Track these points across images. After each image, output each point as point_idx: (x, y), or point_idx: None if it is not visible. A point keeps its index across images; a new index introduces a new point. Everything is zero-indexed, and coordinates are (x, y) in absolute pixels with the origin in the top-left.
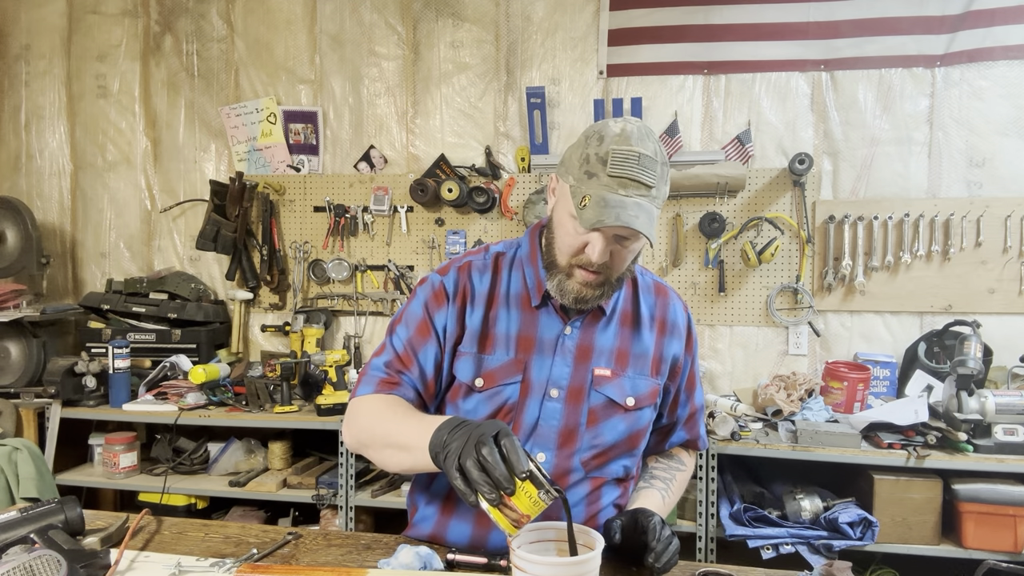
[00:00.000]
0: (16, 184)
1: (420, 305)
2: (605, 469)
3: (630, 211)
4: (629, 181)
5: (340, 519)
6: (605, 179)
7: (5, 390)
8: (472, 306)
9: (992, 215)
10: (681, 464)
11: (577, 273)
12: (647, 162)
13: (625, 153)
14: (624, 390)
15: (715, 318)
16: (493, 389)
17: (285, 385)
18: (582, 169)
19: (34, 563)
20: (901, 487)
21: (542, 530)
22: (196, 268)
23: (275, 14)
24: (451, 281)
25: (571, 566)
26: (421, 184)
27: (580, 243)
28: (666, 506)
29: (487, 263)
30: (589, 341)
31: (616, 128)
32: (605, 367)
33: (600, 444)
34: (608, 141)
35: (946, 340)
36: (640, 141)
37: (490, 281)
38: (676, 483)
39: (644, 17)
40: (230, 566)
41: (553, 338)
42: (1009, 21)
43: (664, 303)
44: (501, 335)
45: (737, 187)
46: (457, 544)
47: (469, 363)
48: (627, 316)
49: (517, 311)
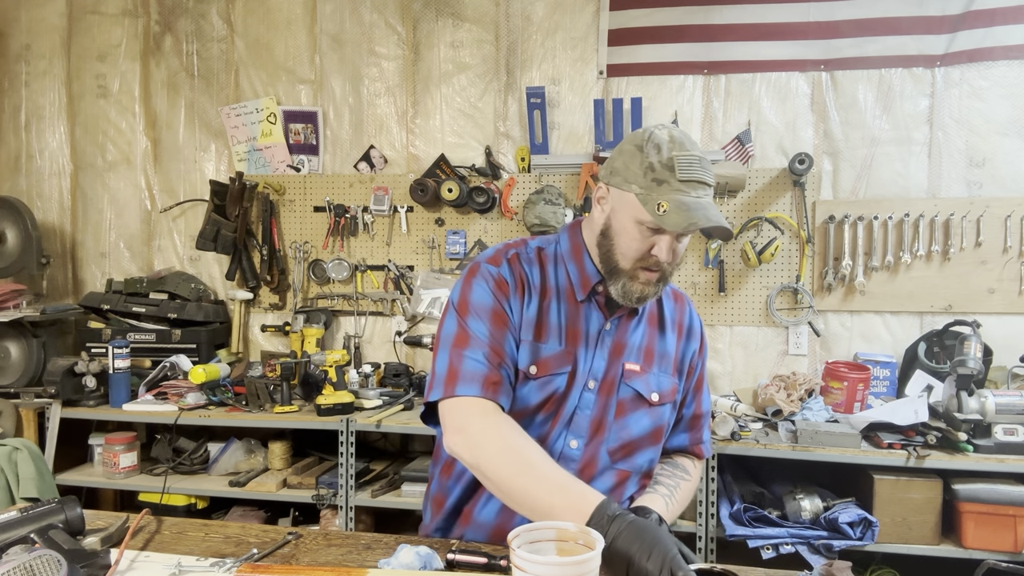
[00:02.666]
0: (16, 184)
1: (488, 295)
2: (630, 461)
3: (710, 211)
4: (697, 183)
5: (340, 519)
6: (677, 184)
7: (5, 390)
8: (529, 295)
9: (992, 215)
10: (686, 473)
11: (641, 275)
12: (706, 164)
13: (688, 158)
14: (650, 385)
15: (715, 318)
16: (546, 377)
17: (285, 385)
18: (648, 177)
19: (34, 563)
20: (901, 487)
21: (542, 530)
22: (196, 268)
23: (275, 14)
24: (507, 272)
25: (571, 566)
26: (421, 184)
27: (647, 246)
28: (670, 512)
29: (531, 257)
30: (623, 338)
31: (664, 135)
32: (635, 363)
33: (626, 436)
34: (666, 148)
35: (946, 340)
36: (692, 145)
37: (539, 273)
38: (680, 491)
39: (644, 17)
40: (230, 566)
41: (596, 332)
42: (1009, 21)
43: (682, 308)
44: (553, 325)
45: (737, 187)
46: (482, 524)
47: (526, 350)
48: (653, 317)
49: (565, 303)
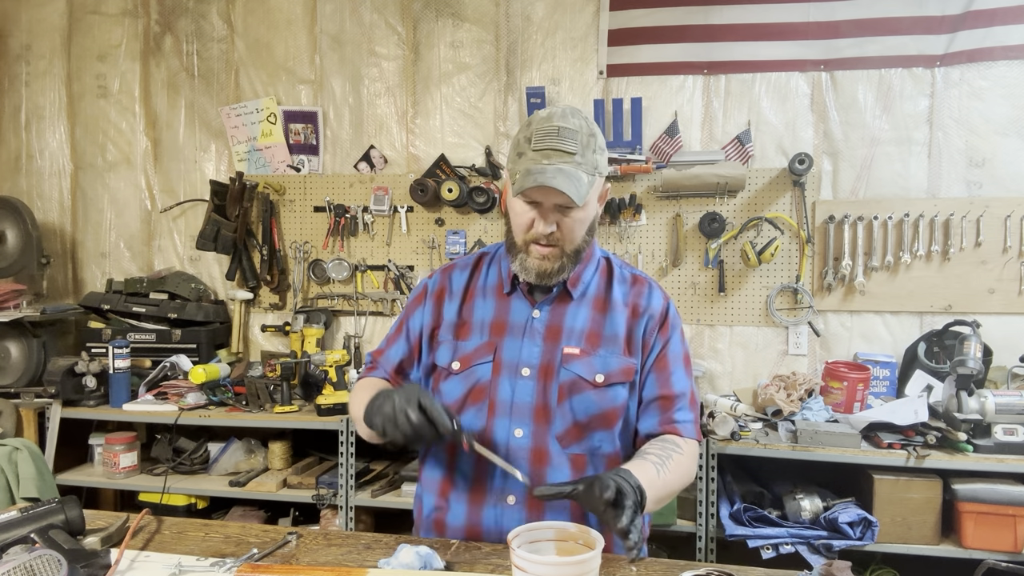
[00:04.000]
0: (16, 184)
1: (404, 309)
2: (582, 444)
3: (548, 174)
4: (551, 151)
5: (340, 519)
6: (531, 154)
7: (5, 390)
8: (449, 300)
9: (992, 215)
10: (676, 447)
11: (533, 249)
12: (567, 133)
13: (546, 129)
14: (593, 367)
15: (715, 318)
16: (468, 370)
17: (285, 385)
18: (514, 151)
19: (34, 563)
20: (901, 487)
21: (542, 530)
22: (196, 268)
23: (275, 14)
24: (433, 282)
25: (571, 565)
26: (421, 184)
27: (528, 220)
28: (661, 481)
29: (469, 263)
30: (558, 322)
31: (543, 112)
32: (575, 346)
33: (571, 420)
34: (534, 123)
35: (946, 340)
36: (562, 118)
37: (468, 277)
38: (673, 463)
39: (644, 17)
40: (230, 566)
41: (522, 321)
42: (1009, 21)
43: (639, 291)
44: (476, 322)
45: (737, 187)
46: (455, 528)
47: (447, 349)
48: (599, 301)
49: (492, 300)
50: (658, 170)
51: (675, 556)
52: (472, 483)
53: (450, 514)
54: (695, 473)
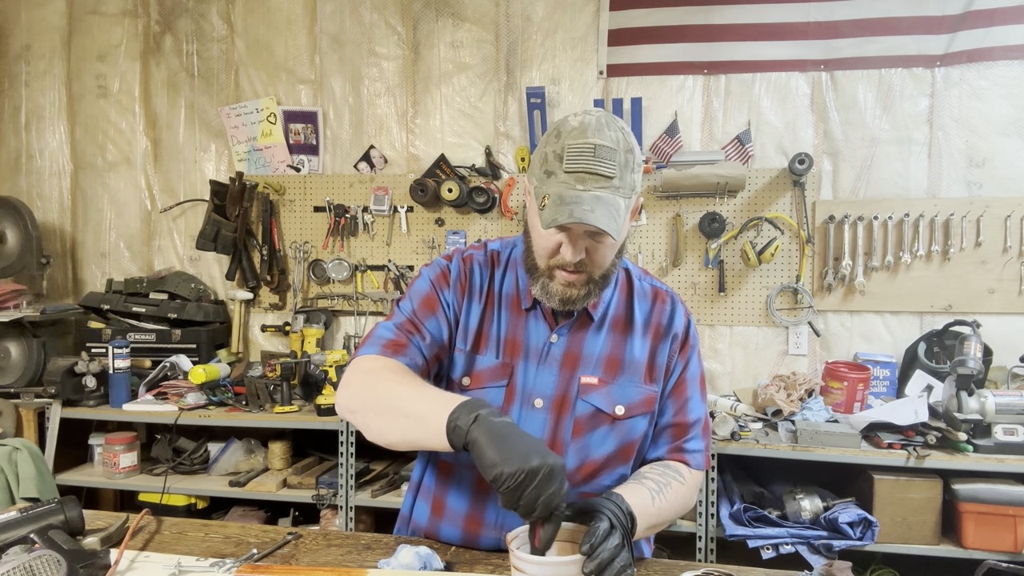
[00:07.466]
0: (16, 184)
1: (426, 283)
2: (595, 483)
3: (585, 206)
4: (587, 175)
5: (340, 519)
6: (562, 176)
7: (5, 390)
8: (470, 299)
9: (992, 215)
10: (678, 475)
11: (558, 275)
12: (605, 152)
13: (580, 147)
14: (613, 398)
15: (715, 318)
16: (479, 390)
17: (285, 385)
18: (542, 169)
19: (34, 563)
20: (901, 487)
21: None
22: (196, 268)
23: (275, 14)
24: (455, 266)
25: (571, 565)
26: (421, 184)
27: (554, 244)
28: (655, 509)
29: (484, 260)
30: (577, 348)
31: (575, 122)
32: (592, 375)
33: (586, 457)
34: (564, 136)
35: (946, 340)
36: (597, 132)
37: (488, 277)
38: (671, 491)
39: (644, 17)
40: (230, 566)
41: (539, 345)
42: (1009, 21)
43: (661, 308)
44: (493, 336)
45: (737, 187)
46: (449, 541)
47: (460, 359)
48: (619, 321)
49: (508, 312)
50: (658, 170)
51: (675, 556)
52: (469, 509)
53: (442, 533)
54: (695, 503)
